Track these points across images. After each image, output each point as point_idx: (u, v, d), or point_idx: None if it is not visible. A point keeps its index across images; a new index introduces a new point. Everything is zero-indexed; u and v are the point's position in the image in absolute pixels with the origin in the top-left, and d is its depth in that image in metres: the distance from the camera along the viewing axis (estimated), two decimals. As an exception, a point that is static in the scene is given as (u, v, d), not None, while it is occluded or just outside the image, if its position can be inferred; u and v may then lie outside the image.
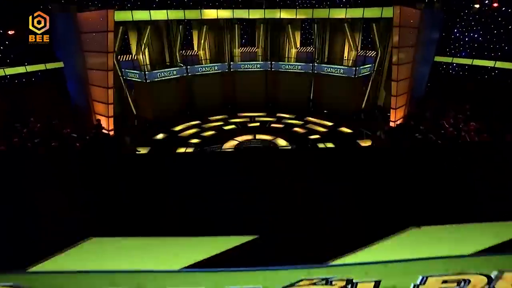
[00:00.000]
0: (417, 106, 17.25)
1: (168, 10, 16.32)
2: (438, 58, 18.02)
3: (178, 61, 19.28)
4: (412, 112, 16.73)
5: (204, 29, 20.34)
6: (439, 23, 17.01)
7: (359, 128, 16.45)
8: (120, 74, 18.14)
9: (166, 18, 16.43)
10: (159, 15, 16.29)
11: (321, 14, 17.38)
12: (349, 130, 16.70)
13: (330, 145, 14.65)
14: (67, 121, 15.33)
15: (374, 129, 14.58)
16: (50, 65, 15.28)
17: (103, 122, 16.20)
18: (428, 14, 15.18)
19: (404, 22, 13.95)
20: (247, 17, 17.88)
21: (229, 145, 14.87)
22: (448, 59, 18.41)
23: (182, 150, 14.37)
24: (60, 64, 15.81)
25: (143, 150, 14.46)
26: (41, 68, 15.13)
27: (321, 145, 14.52)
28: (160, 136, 16.35)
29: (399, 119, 17.01)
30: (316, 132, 16.45)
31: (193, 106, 20.42)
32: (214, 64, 19.60)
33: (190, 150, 14.37)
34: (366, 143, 14.84)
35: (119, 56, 18.53)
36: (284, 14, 17.86)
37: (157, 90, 17.96)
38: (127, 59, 18.75)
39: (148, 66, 18.60)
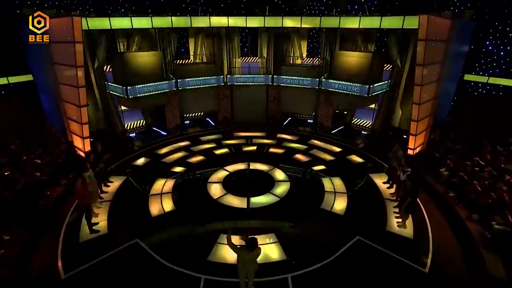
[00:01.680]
0: (440, 132, 14.47)
1: (153, 17, 13.97)
2: (469, 77, 15.18)
3: (170, 73, 16.96)
4: (435, 140, 13.97)
5: (200, 38, 18.05)
6: (469, 34, 14.22)
7: (369, 163, 13.81)
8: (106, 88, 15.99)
9: (150, 26, 14.05)
10: (143, 22, 13.93)
11: (330, 23, 14.77)
12: (359, 159, 14.02)
13: (337, 180, 12.01)
14: (36, 142, 13.15)
15: (390, 159, 11.82)
16: (14, 79, 13.06)
17: (79, 143, 13.99)
18: (459, 24, 12.43)
19: (432, 34, 11.26)
20: (244, 25, 15.43)
21: (217, 177, 12.37)
22: (481, 79, 15.53)
23: (161, 182, 11.97)
24: (27, 78, 13.60)
25: (116, 181, 12.13)
26: (3, 82, 12.93)
27: (326, 182, 11.88)
28: (141, 161, 13.98)
29: (419, 146, 14.27)
30: (321, 161, 13.84)
31: (184, 125, 18.25)
32: (209, 78, 17.16)
33: (170, 182, 11.95)
34: (380, 178, 12.15)
35: (106, 67, 16.36)
36: (288, 23, 15.34)
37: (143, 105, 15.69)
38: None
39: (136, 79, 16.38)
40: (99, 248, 8.48)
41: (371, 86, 14.76)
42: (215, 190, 11.45)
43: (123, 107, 16.93)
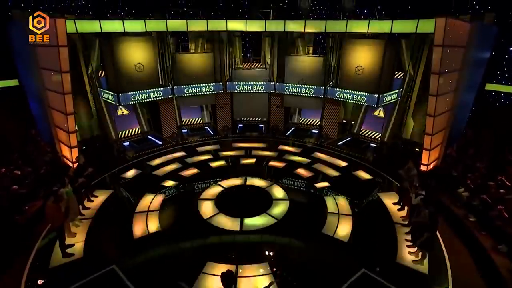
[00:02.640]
0: (458, 147, 13.23)
1: (147, 20, 13.20)
2: (491, 86, 13.92)
3: (168, 79, 16.22)
4: (452, 156, 12.74)
5: (200, 42, 17.28)
6: (491, 39, 13.03)
7: (378, 178, 12.69)
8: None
9: (144, 29, 13.28)
10: (136, 26, 13.17)
11: (337, 28, 13.78)
12: (367, 176, 12.86)
13: (342, 200, 10.89)
14: (18, 151, 12.43)
15: (401, 178, 10.62)
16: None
17: (66, 152, 13.25)
18: (479, 28, 11.29)
19: (450, 39, 10.15)
20: (244, 29, 14.56)
21: (210, 193, 11.38)
22: (504, 88, 14.25)
23: (149, 198, 11.04)
24: (13, 82, 12.94)
25: (102, 195, 11.27)
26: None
27: (329, 202, 10.76)
28: (130, 173, 13.11)
29: (433, 162, 13.07)
30: (325, 177, 12.74)
31: (182, 134, 17.41)
32: (207, 84, 16.29)
33: (159, 198, 11.01)
34: (390, 198, 10.98)
35: (100, 72, 15.69)
36: (290, 27, 14.39)
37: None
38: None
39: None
40: (70, 275, 7.55)
41: (380, 95, 13.64)
42: (207, 209, 10.45)
43: (119, 112, 16.20)
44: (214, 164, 13.91)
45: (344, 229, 9.34)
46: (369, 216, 10.13)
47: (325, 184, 12.10)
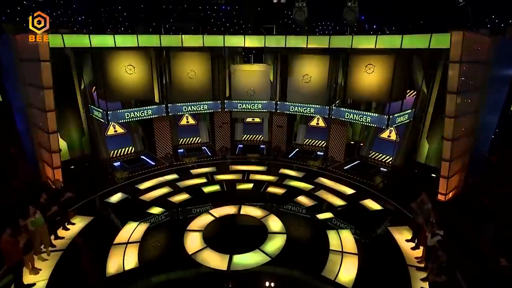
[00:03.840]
0: (481, 175, 11.99)
1: (139, 35, 12.72)
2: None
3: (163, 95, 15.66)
4: (474, 184, 11.49)
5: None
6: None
7: (388, 207, 11.53)
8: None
9: (136, 45, 12.78)
10: (127, 40, 12.70)
11: (341, 43, 13.05)
12: (376, 206, 11.66)
13: (346, 234, 9.72)
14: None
15: (414, 212, 9.40)
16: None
17: (49, 173, 12.57)
18: (501, 43, 10.29)
19: (468, 55, 9.19)
20: (242, 45, 13.96)
21: (198, 224, 10.37)
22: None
23: (131, 226, 10.12)
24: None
25: (80, 222, 10.41)
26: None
27: (332, 236, 9.60)
28: (116, 197, 12.26)
29: (452, 191, 11.82)
30: (329, 206, 11.61)
31: (176, 154, 16.65)
32: (204, 103, 15.62)
33: (142, 227, 10.07)
34: (404, 234, 9.74)
35: (92, 88, 15.22)
36: (292, 42, 13.75)
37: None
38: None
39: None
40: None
41: (391, 115, 12.63)
42: (193, 242, 9.43)
43: (108, 133, 15.63)
44: (208, 189, 12.97)
45: (348, 272, 8.14)
46: (378, 256, 8.90)
47: (328, 215, 10.97)
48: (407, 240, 9.39)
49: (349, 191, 12.83)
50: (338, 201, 11.97)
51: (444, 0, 11.30)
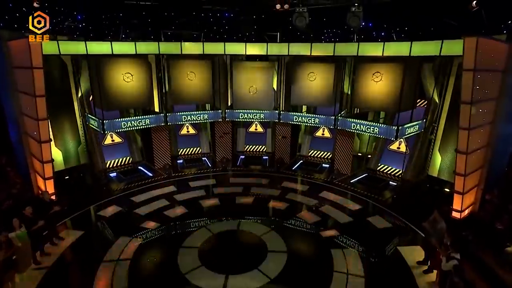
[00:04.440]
0: (500, 191, 11.33)
1: (137, 43, 12.56)
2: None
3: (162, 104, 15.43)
4: (493, 202, 10.83)
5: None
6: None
7: (397, 223, 10.96)
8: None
9: (134, 52, 12.60)
10: (125, 48, 12.54)
11: (347, 51, 12.71)
12: (384, 223, 11.06)
13: (352, 254, 9.15)
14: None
15: (427, 232, 8.81)
16: None
17: (40, 184, 12.28)
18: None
19: (483, 62, 8.74)
20: (243, 53, 13.73)
21: (195, 240, 9.89)
22: None
23: (124, 242, 9.70)
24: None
25: (69, 237, 10.02)
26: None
27: (337, 256, 9.03)
28: (110, 210, 11.87)
29: (468, 208, 11.18)
30: (334, 223, 11.07)
31: (176, 165, 16.34)
32: (204, 112, 15.32)
33: (134, 243, 9.65)
34: (415, 255, 9.11)
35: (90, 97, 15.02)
36: (295, 50, 13.49)
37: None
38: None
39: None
40: None
41: (400, 126, 12.15)
42: (187, 260, 8.96)
43: (105, 142, 15.37)
44: (206, 203, 12.54)
45: (353, 298, 7.57)
46: (386, 279, 8.31)
47: (333, 232, 10.41)
48: (419, 262, 8.76)
49: (355, 206, 12.27)
50: (343, 217, 11.42)
51: (456, 5, 10.86)
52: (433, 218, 8.10)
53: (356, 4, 11.96)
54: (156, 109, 15.58)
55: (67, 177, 14.09)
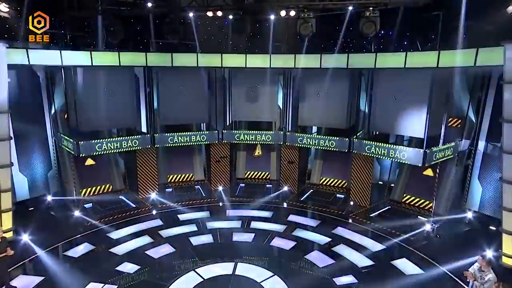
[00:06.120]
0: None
1: (121, 53, 12.59)
2: None
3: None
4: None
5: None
6: None
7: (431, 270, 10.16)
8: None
9: (117, 64, 12.54)
10: (107, 59, 12.53)
11: (363, 62, 12.62)
12: (416, 269, 10.21)
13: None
14: None
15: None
16: None
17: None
18: None
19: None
20: (243, 66, 13.67)
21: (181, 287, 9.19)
22: None
23: (94, 288, 9.01)
24: None
25: (23, 284, 9.31)
26: None
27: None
28: (80, 249, 11.25)
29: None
30: (349, 268, 10.32)
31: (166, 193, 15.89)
32: (198, 133, 15.12)
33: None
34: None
35: (64, 114, 14.85)
36: (302, 63, 13.46)
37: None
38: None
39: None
40: None
41: (428, 149, 11.62)
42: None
43: (81, 167, 14.98)
44: (197, 239, 12.04)
45: None
46: None
47: (349, 279, 9.67)
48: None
49: (377, 246, 11.59)
50: (362, 260, 10.76)
51: (492, 10, 10.60)
52: (480, 266, 7.28)
53: (371, 8, 11.72)
54: (143, 129, 15.40)
55: (32, 208, 13.76)
